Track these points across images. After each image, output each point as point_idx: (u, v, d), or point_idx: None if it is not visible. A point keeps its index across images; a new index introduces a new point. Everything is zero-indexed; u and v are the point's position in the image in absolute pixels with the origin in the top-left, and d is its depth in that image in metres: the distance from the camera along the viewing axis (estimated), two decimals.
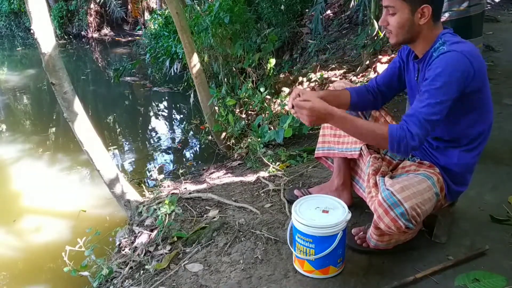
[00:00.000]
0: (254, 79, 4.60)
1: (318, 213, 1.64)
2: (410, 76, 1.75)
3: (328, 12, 6.73)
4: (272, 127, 3.73)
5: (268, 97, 4.18)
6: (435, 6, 1.52)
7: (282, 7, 5.85)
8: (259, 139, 3.54)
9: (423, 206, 1.48)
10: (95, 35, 13.39)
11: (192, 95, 5.08)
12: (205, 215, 2.53)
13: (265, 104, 4.03)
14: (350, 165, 2.02)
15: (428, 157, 1.72)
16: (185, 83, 6.21)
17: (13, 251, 3.20)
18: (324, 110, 1.50)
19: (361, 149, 1.85)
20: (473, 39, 2.22)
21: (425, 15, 1.50)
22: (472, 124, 1.59)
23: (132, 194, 2.89)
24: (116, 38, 12.99)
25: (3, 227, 3.47)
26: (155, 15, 9.01)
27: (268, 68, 4.43)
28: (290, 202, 2.34)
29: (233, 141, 4.03)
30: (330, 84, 2.14)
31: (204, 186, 3.08)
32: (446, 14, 2.20)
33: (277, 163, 3.10)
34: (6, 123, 6.37)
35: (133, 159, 4.95)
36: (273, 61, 4.43)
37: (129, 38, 12.58)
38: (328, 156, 2.09)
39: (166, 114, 6.89)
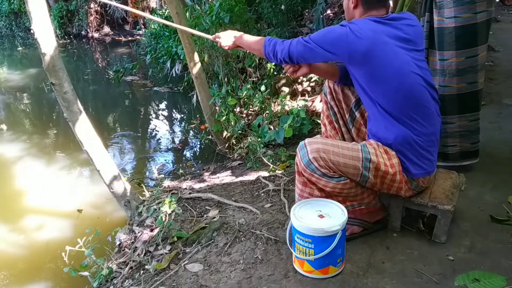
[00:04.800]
0: (254, 79, 4.60)
1: (315, 217, 1.65)
2: None
3: (328, 11, 6.72)
4: (272, 127, 3.73)
5: (268, 97, 4.18)
6: None
7: (283, 7, 5.84)
8: (259, 139, 3.54)
9: (334, 157, 1.66)
10: (95, 35, 13.38)
11: (195, 96, 5.07)
12: (205, 215, 2.53)
13: (265, 104, 4.03)
14: None
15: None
16: (186, 83, 6.20)
17: (13, 251, 3.21)
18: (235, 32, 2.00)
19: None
20: (478, 47, 2.17)
21: (353, 2, 1.75)
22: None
23: (132, 194, 2.89)
24: (117, 38, 12.99)
25: (4, 226, 3.48)
26: (155, 15, 9.01)
27: (269, 68, 4.43)
28: None
29: (233, 141, 4.03)
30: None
31: (204, 186, 3.08)
32: (452, 20, 2.13)
33: (277, 163, 3.11)
34: (6, 123, 6.37)
35: (133, 159, 4.94)
36: None
37: (129, 38, 12.57)
38: None
39: (166, 114, 6.88)
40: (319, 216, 1.64)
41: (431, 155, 1.75)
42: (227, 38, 2.02)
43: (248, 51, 2.04)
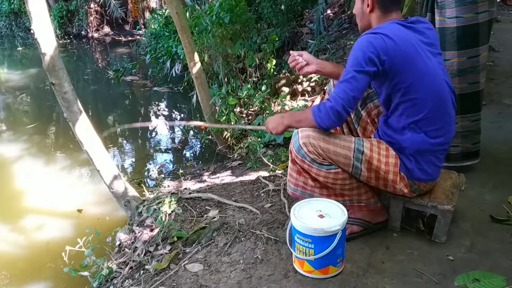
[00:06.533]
0: (254, 79, 4.61)
1: (315, 217, 1.65)
2: None
3: (328, 11, 6.73)
4: None
5: (268, 97, 4.18)
6: None
7: (283, 7, 5.84)
8: (259, 139, 3.54)
9: (324, 144, 1.65)
10: (95, 35, 13.40)
11: (195, 96, 5.08)
12: (205, 215, 2.53)
13: (265, 104, 4.03)
14: None
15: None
16: (186, 83, 6.21)
17: (13, 251, 3.21)
18: (282, 114, 1.87)
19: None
20: (479, 47, 2.16)
21: (368, 5, 1.66)
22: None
23: (132, 194, 2.89)
24: (117, 38, 13.00)
25: (4, 226, 3.48)
26: (155, 15, 9.01)
27: (269, 68, 4.43)
28: None
29: (233, 141, 4.04)
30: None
31: (204, 186, 3.08)
32: (454, 20, 2.13)
33: (277, 163, 3.10)
34: (6, 123, 6.38)
35: (133, 159, 4.95)
36: (274, 61, 4.42)
37: (129, 38, 12.58)
38: None
39: (166, 114, 6.89)
40: (319, 216, 1.64)
41: (439, 162, 1.74)
42: (274, 122, 1.84)
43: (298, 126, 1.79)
